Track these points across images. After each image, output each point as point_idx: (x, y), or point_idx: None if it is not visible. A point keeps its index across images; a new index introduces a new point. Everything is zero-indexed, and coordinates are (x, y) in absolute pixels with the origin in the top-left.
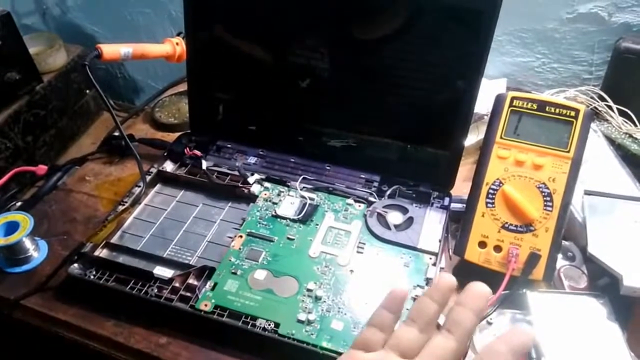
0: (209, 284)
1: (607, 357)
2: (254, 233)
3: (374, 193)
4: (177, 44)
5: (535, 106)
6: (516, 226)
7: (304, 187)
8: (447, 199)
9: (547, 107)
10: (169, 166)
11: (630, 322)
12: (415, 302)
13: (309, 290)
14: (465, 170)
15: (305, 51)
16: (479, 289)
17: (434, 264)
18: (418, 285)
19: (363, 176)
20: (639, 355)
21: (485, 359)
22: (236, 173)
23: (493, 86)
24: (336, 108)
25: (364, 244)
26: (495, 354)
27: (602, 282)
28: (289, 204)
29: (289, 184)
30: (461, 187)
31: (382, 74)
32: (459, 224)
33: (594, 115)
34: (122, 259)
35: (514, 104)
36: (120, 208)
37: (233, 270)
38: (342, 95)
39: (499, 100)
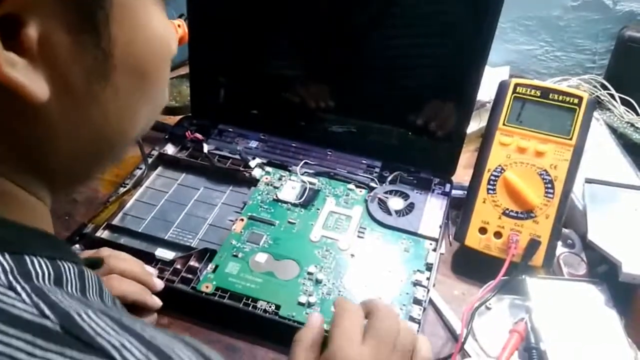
0: (210, 266)
1: (605, 343)
2: (255, 217)
3: (375, 179)
4: (178, 26)
5: (538, 93)
6: (517, 213)
7: (305, 172)
8: (448, 186)
9: (551, 95)
10: (170, 149)
11: (629, 309)
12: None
13: (309, 273)
14: (466, 157)
15: (306, 35)
16: None
17: (434, 250)
18: (418, 270)
19: (364, 162)
20: (637, 342)
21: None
22: (237, 157)
23: (495, 74)
24: (338, 93)
25: (365, 228)
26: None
27: (601, 269)
28: (290, 189)
29: (290, 168)
30: (462, 174)
31: (384, 60)
32: (459, 211)
33: (597, 103)
34: (124, 240)
35: (517, 90)
36: (122, 190)
37: (234, 253)
38: (344, 80)
39: (502, 87)
